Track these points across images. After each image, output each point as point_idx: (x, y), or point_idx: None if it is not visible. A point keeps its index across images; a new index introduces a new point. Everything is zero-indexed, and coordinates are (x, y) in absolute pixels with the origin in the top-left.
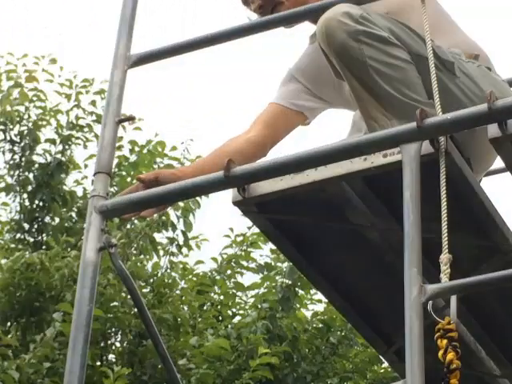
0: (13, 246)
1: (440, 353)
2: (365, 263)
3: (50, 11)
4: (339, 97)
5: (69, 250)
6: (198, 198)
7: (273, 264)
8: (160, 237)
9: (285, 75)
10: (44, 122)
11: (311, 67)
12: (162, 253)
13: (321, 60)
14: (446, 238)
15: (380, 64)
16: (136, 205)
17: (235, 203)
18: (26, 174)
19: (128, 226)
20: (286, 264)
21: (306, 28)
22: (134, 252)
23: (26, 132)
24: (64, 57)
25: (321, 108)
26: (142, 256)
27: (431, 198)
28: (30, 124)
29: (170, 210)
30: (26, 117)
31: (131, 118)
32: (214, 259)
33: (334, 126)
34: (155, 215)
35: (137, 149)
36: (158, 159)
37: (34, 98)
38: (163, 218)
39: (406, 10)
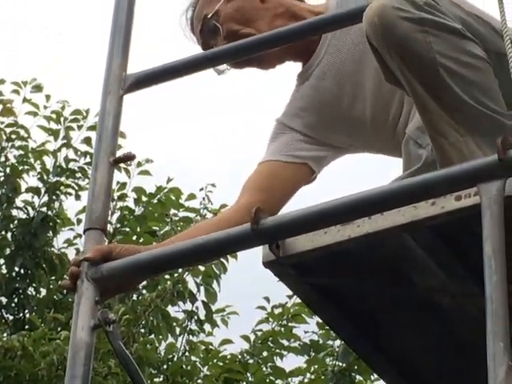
0: None
1: None
2: (437, 338)
3: (50, 11)
4: (358, 138)
5: (58, 329)
6: (223, 260)
7: (321, 342)
8: (175, 310)
9: (273, 129)
10: (26, 167)
11: (309, 109)
12: (178, 331)
13: (322, 98)
14: None
15: (453, 62)
16: (141, 269)
17: (266, 264)
18: (3, 233)
19: (134, 298)
20: (338, 342)
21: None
22: (143, 331)
23: (2, 179)
24: (53, 80)
25: (330, 156)
26: (152, 336)
27: None
28: (8, 169)
29: (188, 277)
30: (2, 160)
31: (130, 158)
32: (246, 338)
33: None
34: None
35: (144, 198)
36: (172, 211)
37: (13, 136)
38: (179, 286)
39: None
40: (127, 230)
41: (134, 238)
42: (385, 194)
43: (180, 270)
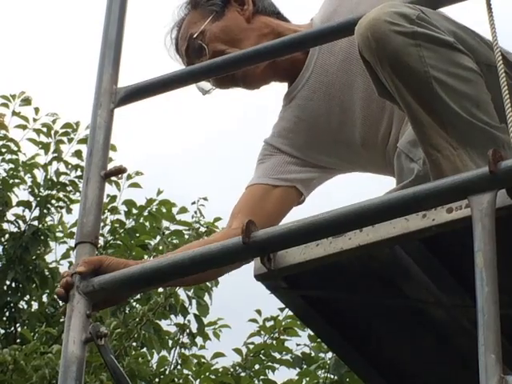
0: None
1: None
2: (429, 350)
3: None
4: (347, 158)
5: (50, 343)
6: None
7: (313, 355)
8: (167, 324)
9: (261, 150)
10: (16, 180)
11: (297, 130)
12: (170, 344)
13: (310, 119)
14: None
15: (445, 75)
16: (132, 283)
17: (258, 277)
18: None
19: (126, 311)
20: (330, 355)
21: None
22: (134, 344)
23: None
24: (42, 93)
25: (319, 177)
26: (144, 349)
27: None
28: None
29: (180, 290)
30: None
31: (121, 171)
32: (238, 351)
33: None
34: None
35: (135, 211)
36: (164, 224)
37: (3, 150)
38: (171, 299)
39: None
40: (118, 242)
41: (126, 250)
42: (376, 206)
43: None
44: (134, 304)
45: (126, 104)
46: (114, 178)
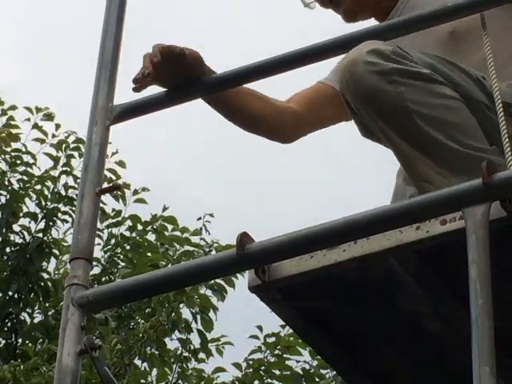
0: None
1: None
2: (424, 362)
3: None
4: None
5: (45, 356)
6: (221, 288)
7: (312, 371)
8: (170, 343)
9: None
10: (28, 191)
11: None
12: (171, 359)
13: None
14: None
15: (425, 107)
16: (125, 295)
17: (252, 289)
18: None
19: (129, 325)
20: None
21: None
22: (135, 360)
23: (2, 203)
24: (66, 111)
25: None
26: (145, 364)
27: (506, 275)
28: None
29: (183, 308)
30: (5, 183)
31: (117, 188)
32: (238, 365)
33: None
34: None
35: (140, 227)
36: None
37: (18, 161)
38: (173, 316)
39: (473, 32)
40: (122, 257)
41: (130, 264)
42: (370, 218)
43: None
44: (137, 318)
45: (122, 121)
46: (120, 193)
